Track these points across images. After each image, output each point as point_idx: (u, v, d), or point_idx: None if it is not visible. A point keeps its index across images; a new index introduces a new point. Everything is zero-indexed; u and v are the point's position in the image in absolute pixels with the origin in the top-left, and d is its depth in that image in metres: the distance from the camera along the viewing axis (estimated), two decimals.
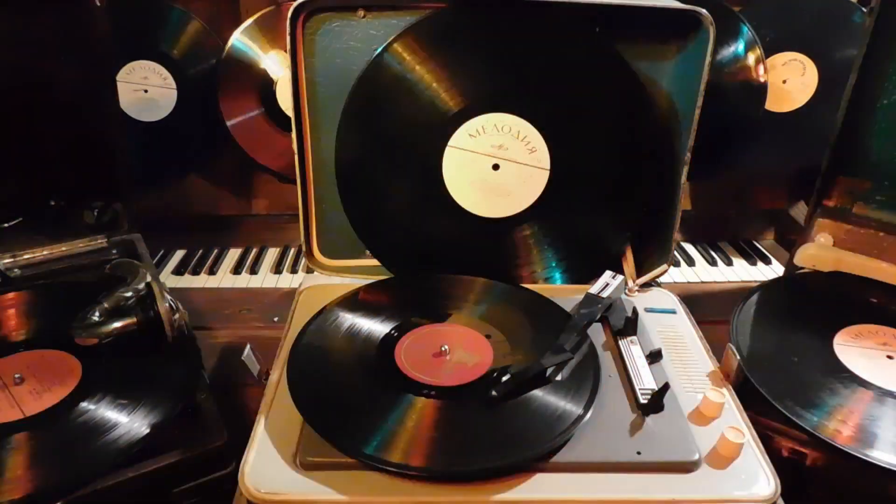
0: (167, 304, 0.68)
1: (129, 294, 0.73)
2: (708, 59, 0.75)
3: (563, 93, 0.81)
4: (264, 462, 0.56)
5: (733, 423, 0.62)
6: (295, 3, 0.75)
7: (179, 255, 1.15)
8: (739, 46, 1.07)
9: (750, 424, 0.62)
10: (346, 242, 0.87)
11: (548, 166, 0.83)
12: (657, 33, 0.82)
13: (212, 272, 1.09)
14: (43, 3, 0.80)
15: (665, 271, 0.85)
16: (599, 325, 0.74)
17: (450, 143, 0.82)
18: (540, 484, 0.55)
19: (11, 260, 0.86)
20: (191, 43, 1.10)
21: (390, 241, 0.86)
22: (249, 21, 1.08)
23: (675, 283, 1.08)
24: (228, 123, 1.10)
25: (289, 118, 0.82)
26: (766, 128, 1.13)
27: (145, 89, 1.09)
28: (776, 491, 0.55)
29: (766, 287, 0.86)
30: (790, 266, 0.91)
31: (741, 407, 0.64)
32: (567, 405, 0.61)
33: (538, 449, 0.56)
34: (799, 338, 0.75)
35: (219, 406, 0.65)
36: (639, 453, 0.57)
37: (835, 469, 0.62)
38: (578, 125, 0.82)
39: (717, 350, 0.72)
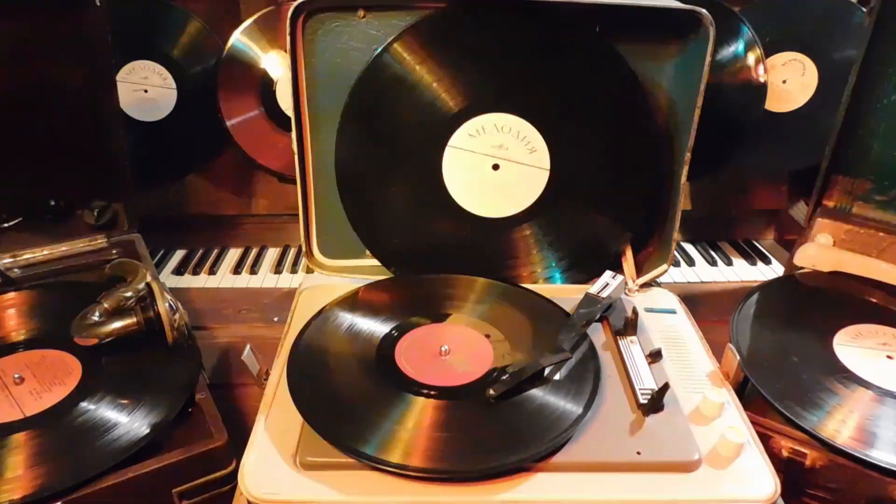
0: (167, 304, 0.68)
1: (129, 294, 0.73)
2: (708, 59, 0.75)
3: (563, 93, 0.81)
4: (264, 462, 0.56)
5: (733, 423, 0.62)
6: (295, 3, 0.75)
7: (179, 255, 1.15)
8: (739, 46, 1.07)
9: (750, 424, 0.62)
10: (346, 242, 0.87)
11: (548, 166, 0.83)
12: (657, 33, 0.82)
13: (212, 272, 1.09)
14: (43, 4, 0.80)
15: (665, 271, 0.85)
16: (599, 325, 0.74)
17: (450, 143, 0.82)
18: (540, 484, 0.55)
19: (11, 260, 0.86)
20: (191, 43, 1.10)
21: (390, 241, 0.86)
22: (249, 21, 1.08)
23: (675, 283, 1.08)
24: (228, 123, 1.10)
25: (289, 118, 0.82)
26: (766, 128, 1.13)
27: (145, 89, 1.09)
28: (776, 491, 0.55)
29: (766, 287, 0.86)
30: (790, 266, 0.91)
31: (741, 407, 0.64)
32: (567, 405, 0.61)
33: (538, 449, 0.56)
34: (799, 338, 0.75)
35: (219, 406, 0.65)
36: (639, 453, 0.57)
37: (835, 469, 0.62)
38: (578, 125, 0.82)
39: (717, 350, 0.72)
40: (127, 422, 0.61)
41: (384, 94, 0.80)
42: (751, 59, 1.08)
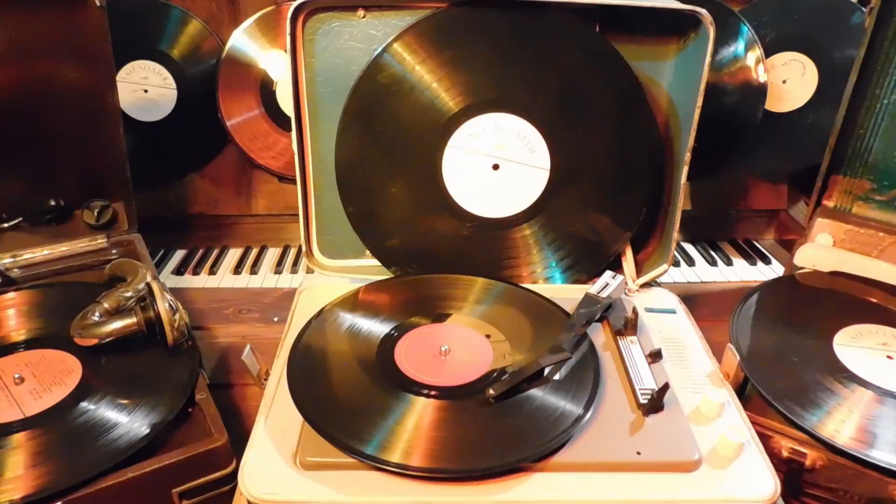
0: (167, 304, 0.68)
1: (129, 294, 0.73)
2: (708, 59, 0.75)
3: (563, 93, 0.81)
4: (264, 462, 0.56)
5: (733, 423, 0.62)
6: (295, 3, 0.75)
7: (179, 255, 1.14)
8: (739, 46, 1.07)
9: (750, 424, 0.62)
10: (346, 242, 0.87)
11: (548, 166, 0.83)
12: (657, 33, 0.82)
13: (212, 272, 1.09)
14: (43, 4, 0.80)
15: (665, 271, 0.85)
16: (599, 325, 0.74)
17: (450, 143, 0.82)
18: (540, 484, 0.55)
19: (11, 260, 0.86)
20: (191, 43, 1.10)
21: (390, 241, 0.86)
22: (249, 21, 1.08)
23: (675, 283, 1.08)
24: (228, 123, 1.10)
25: (289, 118, 0.82)
26: (766, 128, 1.13)
27: (145, 89, 1.09)
28: (776, 491, 0.55)
29: (766, 287, 0.86)
30: (790, 266, 0.91)
31: (741, 407, 0.64)
32: (567, 405, 0.61)
33: (538, 449, 0.56)
34: (799, 338, 0.75)
35: (219, 406, 0.65)
36: (639, 453, 0.57)
37: (835, 469, 0.62)
38: (578, 125, 0.82)
39: (717, 350, 0.72)
40: (127, 422, 0.61)
41: (384, 94, 0.80)
42: (751, 59, 1.08)
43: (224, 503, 0.61)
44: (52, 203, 0.90)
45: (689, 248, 1.19)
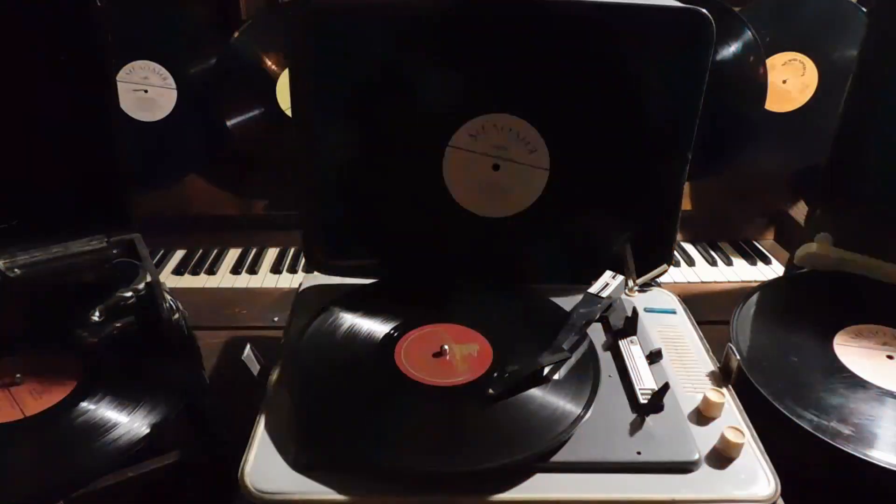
0: (167, 304, 0.68)
1: (129, 294, 0.73)
2: (708, 59, 0.75)
3: (563, 93, 0.81)
4: (264, 462, 0.56)
5: (733, 423, 0.62)
6: (295, 3, 0.75)
7: (179, 255, 1.15)
8: (739, 46, 1.08)
9: (750, 424, 0.62)
10: (347, 242, 0.87)
11: (548, 166, 0.83)
12: (657, 33, 0.82)
13: (212, 272, 1.09)
14: (43, 3, 0.80)
15: (665, 271, 0.85)
16: (599, 325, 0.74)
17: (450, 143, 0.82)
18: (540, 484, 0.55)
19: (11, 260, 0.86)
20: (191, 43, 1.10)
21: (390, 241, 0.86)
22: (249, 21, 1.08)
23: (675, 283, 1.08)
24: (228, 123, 1.10)
25: (289, 118, 0.82)
26: (766, 128, 1.13)
27: (145, 89, 1.09)
28: (776, 491, 0.55)
29: (766, 287, 0.86)
30: (790, 266, 0.91)
31: (741, 407, 0.64)
32: (567, 405, 0.61)
33: (538, 449, 0.56)
34: (799, 338, 0.75)
35: (219, 406, 0.65)
36: (639, 453, 0.57)
37: (835, 469, 0.62)
38: (578, 125, 0.82)
39: (717, 350, 0.72)
40: (127, 422, 0.61)
41: (384, 94, 0.80)
42: (751, 59, 1.08)
43: (224, 503, 0.61)
44: (52, 203, 0.90)
45: (689, 248, 1.20)
